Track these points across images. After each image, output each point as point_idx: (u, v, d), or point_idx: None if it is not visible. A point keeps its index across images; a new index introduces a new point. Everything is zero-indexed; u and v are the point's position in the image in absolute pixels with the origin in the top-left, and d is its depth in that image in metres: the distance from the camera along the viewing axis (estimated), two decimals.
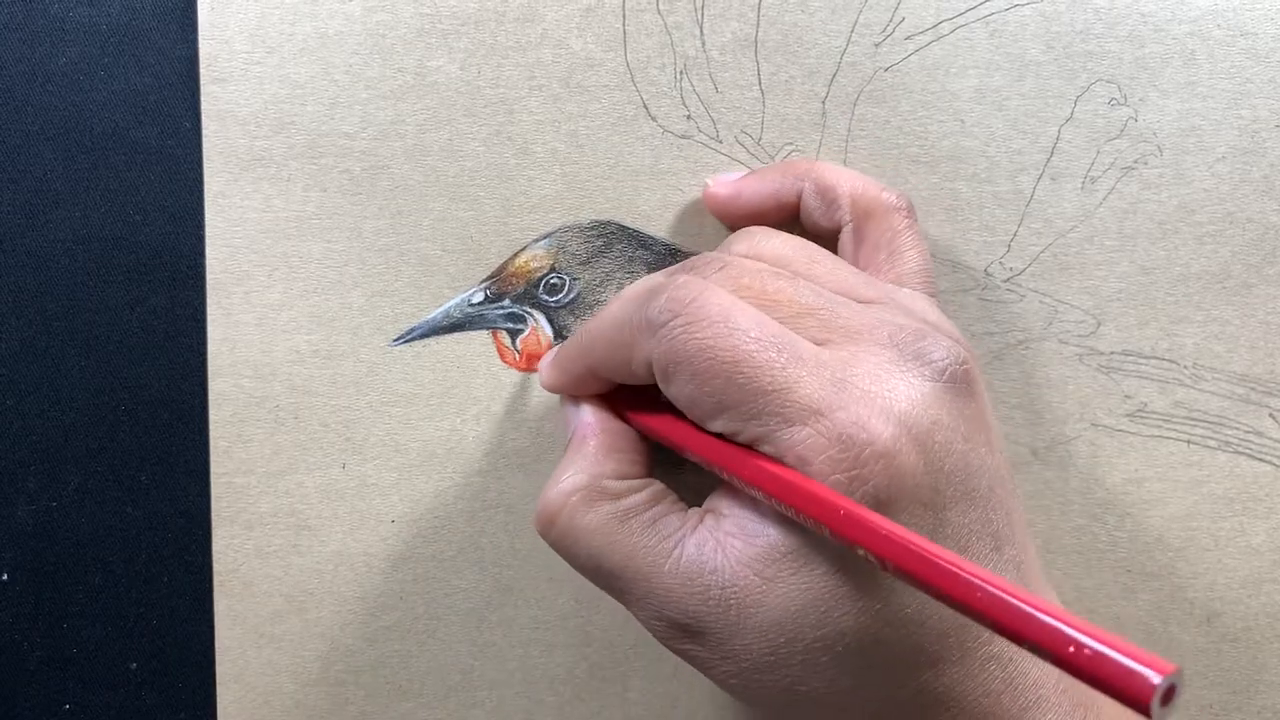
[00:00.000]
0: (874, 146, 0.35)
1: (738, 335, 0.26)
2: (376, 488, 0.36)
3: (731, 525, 0.27)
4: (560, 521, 0.29)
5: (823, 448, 0.25)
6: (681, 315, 0.26)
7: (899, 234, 0.32)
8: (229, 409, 0.35)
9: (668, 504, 0.28)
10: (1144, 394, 0.36)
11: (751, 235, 0.31)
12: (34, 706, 0.36)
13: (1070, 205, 0.36)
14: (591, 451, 0.29)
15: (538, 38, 0.35)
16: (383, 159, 0.35)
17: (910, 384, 0.26)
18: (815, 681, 0.26)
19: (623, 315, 0.28)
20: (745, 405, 0.26)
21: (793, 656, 0.26)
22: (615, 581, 0.28)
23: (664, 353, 0.26)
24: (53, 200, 0.35)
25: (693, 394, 0.26)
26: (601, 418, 0.30)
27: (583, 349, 0.30)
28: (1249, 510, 0.36)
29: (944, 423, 0.26)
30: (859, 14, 0.35)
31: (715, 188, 0.34)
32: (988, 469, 0.27)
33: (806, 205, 0.33)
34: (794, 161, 0.35)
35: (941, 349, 0.27)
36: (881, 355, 0.26)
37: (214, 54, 0.35)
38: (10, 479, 0.36)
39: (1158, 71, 0.35)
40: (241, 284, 0.35)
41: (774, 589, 0.26)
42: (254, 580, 0.36)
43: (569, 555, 0.29)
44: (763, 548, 0.26)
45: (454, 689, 0.36)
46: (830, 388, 0.25)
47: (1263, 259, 0.36)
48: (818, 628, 0.25)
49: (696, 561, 0.26)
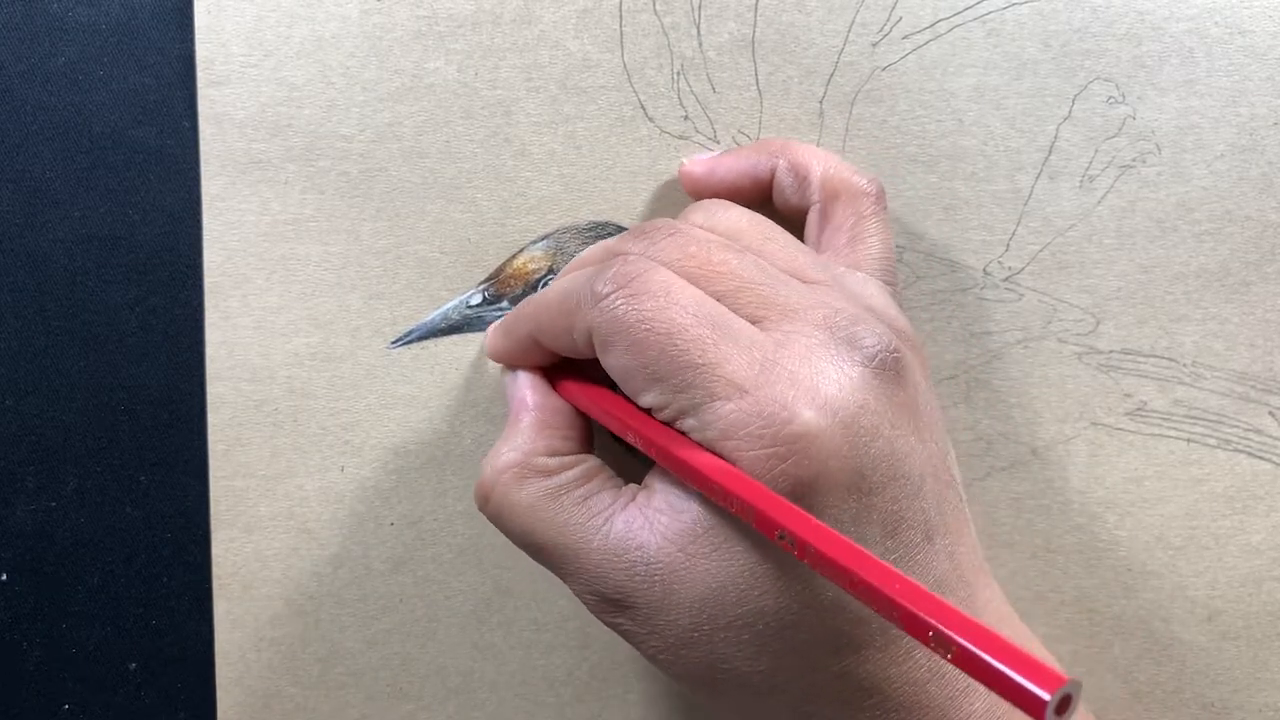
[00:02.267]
0: (872, 146, 0.35)
1: (674, 310, 0.26)
2: (376, 490, 0.36)
3: (660, 501, 0.27)
4: (494, 497, 0.29)
5: (743, 423, 0.25)
6: (624, 288, 0.27)
7: (864, 219, 0.32)
8: (228, 412, 0.35)
9: (600, 480, 0.29)
10: (1143, 392, 0.36)
11: (709, 207, 0.31)
12: (33, 707, 0.36)
13: (1069, 204, 0.35)
14: (526, 428, 0.30)
15: (535, 39, 0.35)
16: (380, 161, 0.35)
17: (839, 368, 0.26)
18: (737, 660, 0.26)
19: (569, 285, 0.28)
20: (675, 378, 0.26)
21: (715, 634, 0.26)
22: (547, 556, 0.29)
23: (604, 322, 0.27)
24: (51, 200, 0.35)
25: (627, 364, 0.27)
26: (538, 393, 0.31)
27: (528, 316, 0.30)
28: (1249, 508, 0.36)
29: (870, 407, 0.26)
30: (856, 14, 0.35)
31: (690, 165, 0.34)
32: (917, 457, 0.27)
33: (779, 183, 0.33)
34: (769, 140, 0.35)
35: (874, 335, 0.27)
36: (814, 337, 0.27)
37: (211, 57, 0.35)
38: (9, 479, 0.36)
39: (1156, 70, 0.35)
40: (239, 287, 0.35)
41: (696, 565, 0.26)
42: (254, 583, 0.36)
43: (504, 530, 0.30)
44: (687, 524, 0.26)
45: (454, 691, 0.36)
46: (758, 366, 0.26)
47: (1261, 257, 0.36)
48: (738, 605, 0.26)
49: (624, 537, 0.27)
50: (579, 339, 0.28)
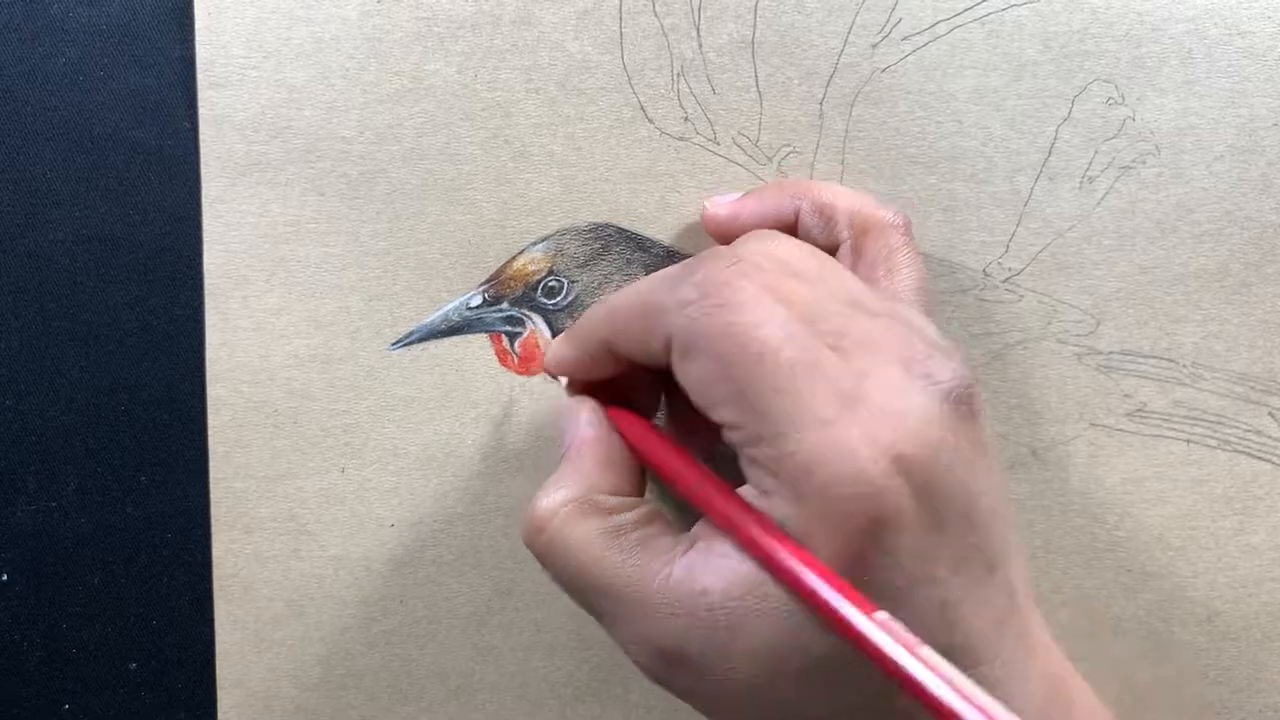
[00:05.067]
0: (871, 147, 0.35)
1: (769, 326, 0.25)
2: (376, 492, 0.36)
3: (722, 546, 0.26)
4: (549, 531, 0.28)
5: (826, 460, 0.24)
6: (713, 296, 0.26)
7: (896, 250, 0.31)
8: (228, 414, 0.35)
9: (659, 525, 0.28)
10: (1143, 393, 0.36)
11: (763, 237, 0.30)
12: (33, 707, 0.36)
13: (1068, 205, 0.35)
14: (588, 464, 0.29)
15: (534, 41, 0.35)
16: (380, 163, 0.35)
17: (919, 403, 0.25)
18: (800, 706, 0.26)
19: (651, 287, 0.28)
20: (758, 399, 0.25)
21: (778, 681, 0.25)
22: (599, 600, 0.27)
23: (688, 328, 0.26)
24: (52, 200, 0.35)
25: (707, 375, 0.26)
26: (601, 429, 0.30)
27: (601, 319, 0.29)
28: (1249, 509, 0.36)
29: (949, 443, 0.25)
30: (856, 15, 0.35)
31: (713, 209, 0.34)
32: (988, 492, 0.26)
33: (804, 224, 0.33)
34: (789, 181, 0.34)
35: (948, 370, 0.26)
36: (893, 371, 0.26)
37: (211, 59, 0.35)
38: (10, 479, 0.36)
39: (1155, 71, 0.35)
40: (239, 289, 0.35)
41: (765, 607, 0.25)
42: (254, 585, 0.36)
43: (554, 568, 0.28)
44: (752, 569, 0.25)
45: (454, 693, 0.36)
46: (843, 400, 0.25)
47: (1261, 257, 0.36)
48: (805, 652, 0.25)
49: (685, 582, 0.26)
50: (656, 345, 0.27)
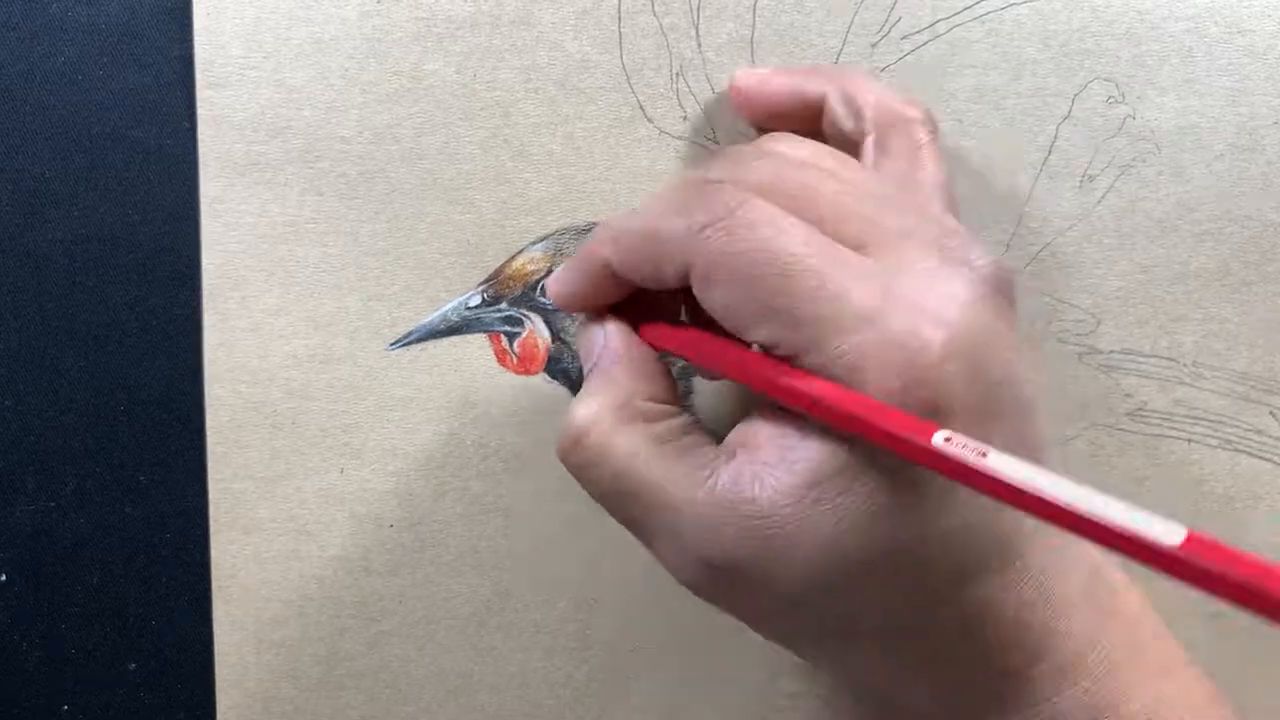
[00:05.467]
0: None
1: (785, 238, 0.25)
2: (375, 492, 0.36)
3: (769, 455, 0.25)
4: (589, 441, 0.27)
5: (875, 354, 0.24)
6: (728, 219, 0.25)
7: (921, 147, 0.31)
8: (226, 414, 0.35)
9: (699, 435, 0.27)
10: (1144, 392, 0.36)
11: (782, 138, 0.30)
12: (32, 707, 0.36)
13: (1068, 204, 0.35)
14: (621, 373, 0.28)
15: (533, 40, 0.35)
16: (379, 163, 0.35)
17: (959, 290, 0.25)
18: (855, 606, 0.26)
19: (658, 214, 0.27)
20: (793, 311, 0.24)
21: (833, 584, 0.25)
22: (641, 511, 0.27)
23: (707, 253, 0.25)
24: (51, 200, 0.35)
25: (735, 299, 0.25)
26: (628, 340, 0.29)
27: (605, 242, 0.28)
28: (1249, 508, 0.36)
29: (993, 328, 0.25)
30: (855, 14, 0.35)
31: (742, 79, 0.33)
32: (1030, 381, 0.26)
33: (832, 110, 0.32)
34: (822, 65, 0.34)
35: (984, 255, 0.26)
36: (928, 261, 0.25)
37: (209, 59, 0.35)
38: (8, 479, 0.36)
39: (1155, 69, 0.35)
40: (238, 289, 0.35)
41: (814, 516, 0.25)
42: (253, 586, 0.36)
43: (593, 479, 0.27)
44: (803, 473, 0.25)
45: (454, 693, 0.36)
46: (880, 295, 0.24)
47: (1261, 256, 0.36)
48: (860, 551, 0.25)
49: (733, 491, 0.25)
50: (669, 270, 0.26)
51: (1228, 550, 0.20)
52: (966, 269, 0.25)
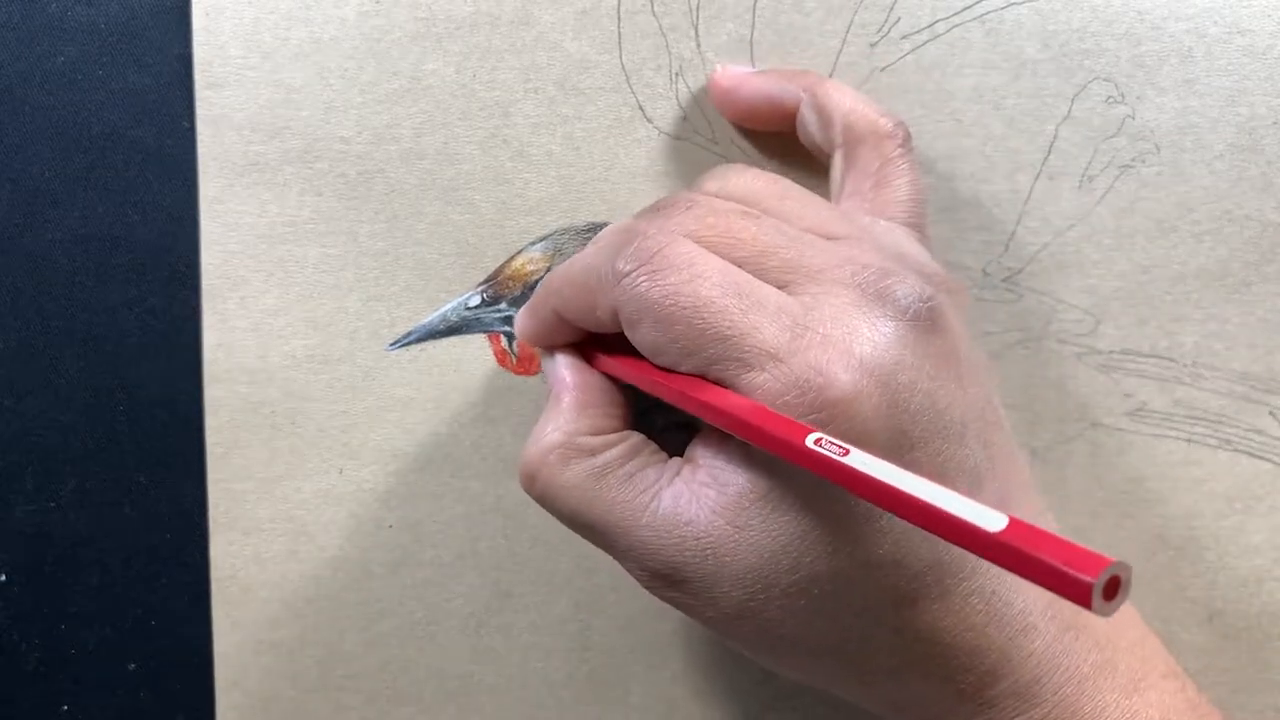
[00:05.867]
0: None
1: (699, 282, 0.26)
2: (374, 493, 0.36)
3: (705, 475, 0.27)
4: (540, 479, 0.29)
5: (779, 393, 0.25)
6: (647, 264, 0.26)
7: (889, 162, 0.31)
8: (225, 415, 0.35)
9: (645, 456, 0.29)
10: (1144, 393, 0.36)
11: (724, 173, 0.31)
12: (32, 708, 0.36)
13: (1068, 204, 0.35)
14: (566, 408, 0.29)
15: (533, 40, 0.35)
16: (378, 163, 0.35)
17: (872, 325, 0.26)
18: (793, 625, 0.26)
19: (591, 263, 0.28)
20: (705, 350, 0.26)
21: (769, 603, 0.26)
22: (597, 536, 0.28)
23: (628, 300, 0.27)
24: (50, 200, 0.35)
25: (656, 340, 0.26)
26: (577, 372, 0.30)
27: (552, 292, 0.30)
28: (1250, 508, 0.36)
29: (908, 362, 0.26)
30: (854, 14, 0.35)
31: (720, 77, 0.34)
32: (958, 405, 0.27)
33: (802, 119, 0.33)
34: (800, 70, 0.34)
35: (905, 286, 0.26)
36: (844, 296, 0.26)
37: (208, 59, 0.35)
38: (8, 480, 0.36)
39: (1155, 69, 0.35)
40: (237, 289, 0.35)
41: (746, 536, 0.26)
42: (252, 586, 0.36)
43: (552, 511, 0.29)
44: (733, 496, 0.26)
45: (453, 694, 0.36)
46: (789, 333, 0.25)
47: (1261, 256, 0.36)
48: (791, 572, 0.26)
49: (672, 513, 0.27)
50: (604, 316, 0.28)
51: (1046, 536, 0.20)
52: (882, 303, 0.26)
